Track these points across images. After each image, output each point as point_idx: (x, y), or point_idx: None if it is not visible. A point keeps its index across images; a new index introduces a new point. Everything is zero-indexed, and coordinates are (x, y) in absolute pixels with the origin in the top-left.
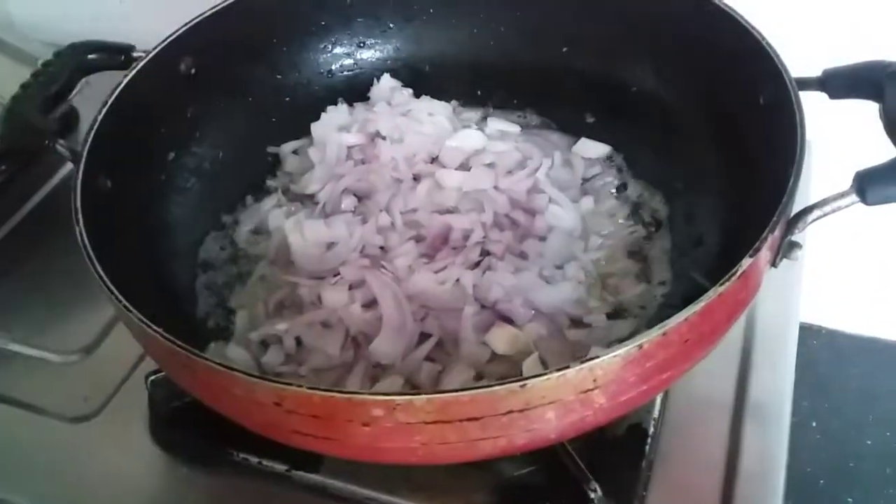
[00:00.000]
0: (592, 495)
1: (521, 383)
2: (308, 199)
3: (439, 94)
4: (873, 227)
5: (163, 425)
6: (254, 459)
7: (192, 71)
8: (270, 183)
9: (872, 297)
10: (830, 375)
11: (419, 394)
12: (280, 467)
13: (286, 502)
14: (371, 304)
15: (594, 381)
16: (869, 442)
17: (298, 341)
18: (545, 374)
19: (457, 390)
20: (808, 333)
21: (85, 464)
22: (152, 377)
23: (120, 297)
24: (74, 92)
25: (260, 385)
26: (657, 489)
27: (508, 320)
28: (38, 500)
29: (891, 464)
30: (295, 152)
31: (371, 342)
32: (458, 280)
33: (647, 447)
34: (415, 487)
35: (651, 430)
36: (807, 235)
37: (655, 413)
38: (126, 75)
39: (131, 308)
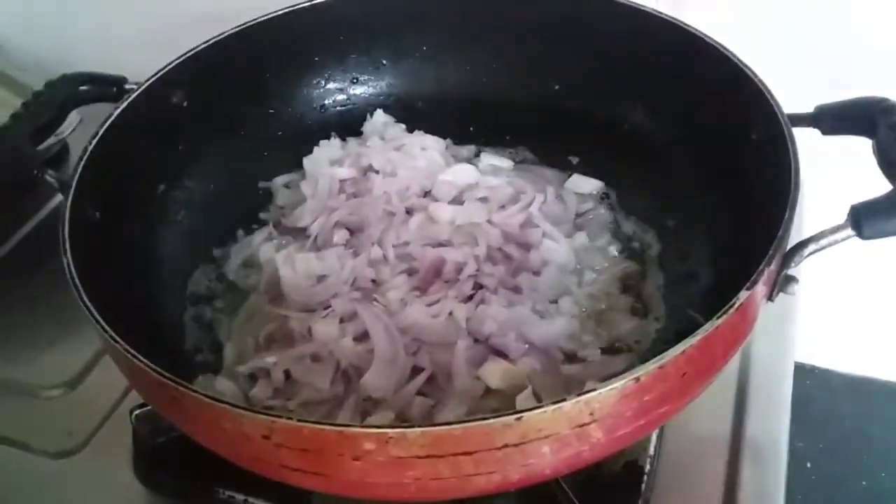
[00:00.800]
0: None
1: (517, 416)
2: (299, 233)
3: (432, 130)
4: (867, 266)
5: (147, 461)
6: (240, 497)
7: (185, 104)
8: (262, 216)
9: (866, 337)
10: (824, 415)
11: (412, 426)
12: None
13: None
14: (362, 337)
15: (591, 414)
16: (864, 483)
17: (287, 375)
18: (541, 406)
19: (450, 423)
20: (802, 373)
21: (67, 500)
22: (137, 412)
23: (106, 327)
24: (66, 124)
25: (248, 417)
26: None
27: (502, 354)
28: None
29: None
30: (287, 186)
31: (362, 376)
32: (450, 313)
33: (644, 485)
34: None
35: (647, 467)
36: (801, 274)
37: (651, 450)
38: (117, 107)
39: (118, 339)
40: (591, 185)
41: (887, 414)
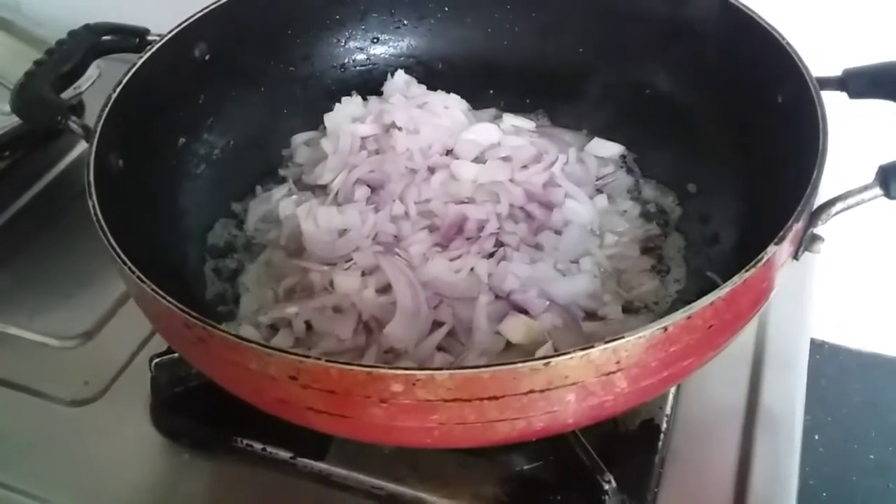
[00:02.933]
0: (606, 486)
1: (545, 361)
2: (320, 190)
3: (452, 92)
4: (878, 245)
5: (165, 410)
6: (258, 446)
7: (206, 57)
8: (282, 173)
9: (876, 314)
10: (834, 390)
11: (441, 369)
12: (285, 454)
13: (290, 490)
14: (384, 289)
15: (617, 362)
16: (871, 456)
17: (308, 325)
18: (569, 352)
19: (478, 366)
20: (812, 348)
21: (84, 448)
22: (157, 360)
23: (133, 267)
24: (83, 78)
25: (276, 357)
26: (669, 486)
27: (523, 311)
28: (37, 483)
29: (893, 478)
30: (307, 144)
31: (384, 328)
32: (472, 269)
33: (660, 443)
34: (422, 478)
35: (664, 426)
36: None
37: (668, 410)
38: (141, 57)
39: (144, 279)
40: (611, 148)
41: (895, 389)
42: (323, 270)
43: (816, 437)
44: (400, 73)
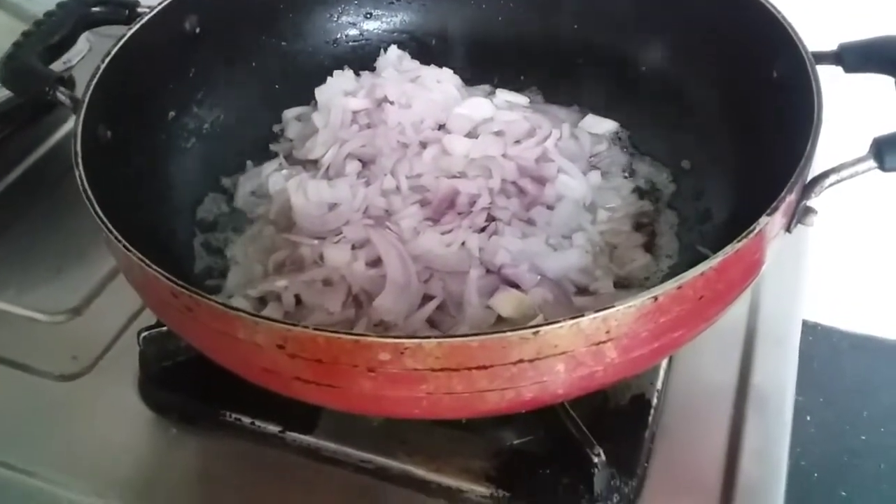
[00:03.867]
0: (595, 459)
1: (534, 330)
2: (311, 165)
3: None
4: (871, 227)
5: (153, 385)
6: (246, 420)
7: (197, 30)
8: (272, 148)
9: (868, 296)
10: (826, 371)
11: (429, 337)
12: (273, 428)
13: (279, 464)
14: (374, 263)
15: (607, 332)
16: (863, 437)
17: (298, 300)
18: (559, 321)
19: (467, 335)
20: (805, 329)
21: (73, 422)
22: (145, 333)
23: (119, 237)
24: (73, 52)
25: (263, 325)
26: (659, 461)
27: (514, 285)
28: (25, 458)
29: (884, 459)
30: (298, 119)
31: (374, 301)
32: (463, 243)
33: (650, 418)
34: (411, 451)
35: (654, 402)
36: (807, 235)
37: (659, 385)
38: (130, 28)
39: (131, 248)
40: (605, 125)
41: (887, 371)
42: (313, 244)
43: (808, 417)
44: (393, 49)
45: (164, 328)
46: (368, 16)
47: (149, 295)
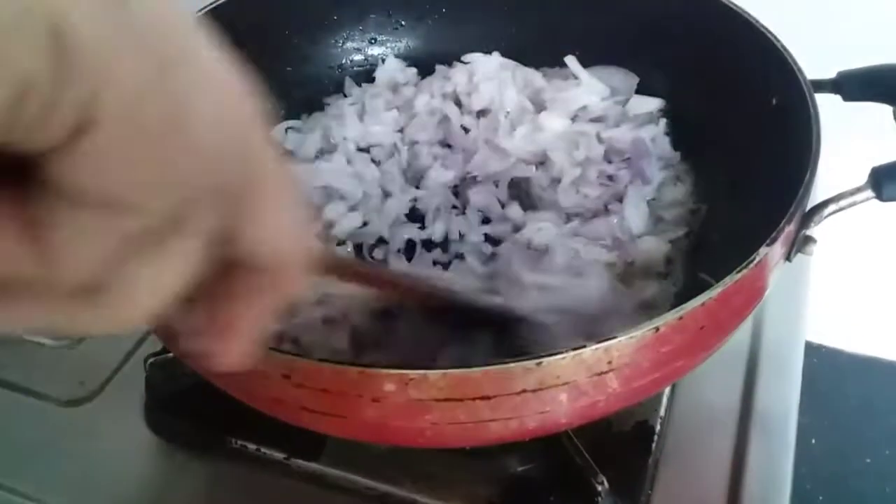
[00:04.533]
0: (599, 488)
1: (537, 361)
2: None
3: None
4: (875, 248)
5: (159, 410)
6: (252, 446)
7: None
8: None
9: (873, 318)
10: (831, 392)
11: (433, 369)
12: (279, 455)
13: (284, 490)
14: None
15: (609, 362)
16: (868, 460)
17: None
18: (560, 352)
19: (470, 366)
20: (810, 351)
21: (79, 447)
22: (152, 359)
23: None
24: None
25: (269, 356)
26: (662, 488)
27: None
28: (32, 483)
29: (889, 482)
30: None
31: None
32: None
33: (654, 445)
34: (416, 478)
35: (658, 428)
36: (809, 258)
37: (662, 412)
38: None
39: None
40: (651, 103)
41: (892, 393)
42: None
43: (813, 440)
44: (391, 59)
45: (171, 354)
46: (373, 41)
47: (156, 324)
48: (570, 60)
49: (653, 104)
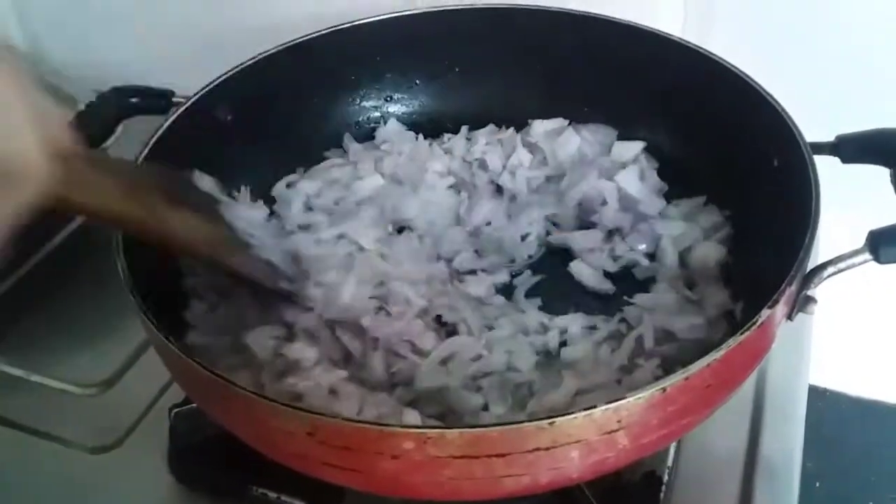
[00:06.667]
0: None
1: (550, 421)
2: None
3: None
4: (877, 292)
5: (183, 459)
6: (272, 495)
7: (229, 118)
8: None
9: (877, 362)
10: (835, 437)
11: (451, 428)
12: (298, 503)
13: None
14: None
15: (618, 421)
16: (871, 503)
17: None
18: (572, 412)
19: (486, 426)
20: (814, 395)
21: (104, 495)
22: (177, 409)
23: (157, 324)
24: (114, 136)
25: (293, 415)
26: None
27: None
28: None
29: None
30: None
31: None
32: None
33: (662, 495)
34: None
35: (665, 478)
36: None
37: (670, 462)
38: (166, 120)
39: (168, 337)
40: (633, 148)
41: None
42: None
43: (818, 484)
44: (393, 121)
45: (194, 405)
46: (389, 99)
47: (182, 379)
48: None
49: (635, 148)
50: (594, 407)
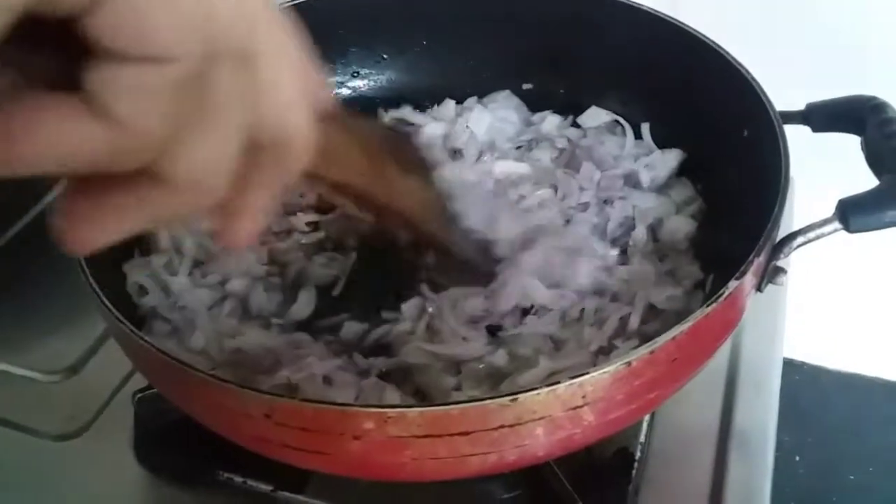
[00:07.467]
0: None
1: (512, 398)
2: None
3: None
4: (856, 264)
5: (147, 444)
6: (238, 479)
7: None
8: None
9: (854, 335)
10: (813, 410)
11: (411, 406)
12: (265, 487)
13: None
14: None
15: (583, 397)
16: (851, 476)
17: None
18: (535, 389)
19: (447, 403)
20: (792, 369)
21: (68, 482)
22: (139, 395)
23: (113, 309)
24: None
25: (250, 396)
26: None
27: None
28: None
29: (872, 499)
30: None
31: None
32: None
33: (634, 471)
34: None
35: (638, 454)
36: (790, 272)
37: (642, 438)
38: None
39: (123, 320)
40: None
41: (875, 409)
42: None
43: (797, 458)
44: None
45: (157, 390)
46: (356, 74)
47: (140, 364)
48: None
49: (606, 116)
50: (557, 382)
